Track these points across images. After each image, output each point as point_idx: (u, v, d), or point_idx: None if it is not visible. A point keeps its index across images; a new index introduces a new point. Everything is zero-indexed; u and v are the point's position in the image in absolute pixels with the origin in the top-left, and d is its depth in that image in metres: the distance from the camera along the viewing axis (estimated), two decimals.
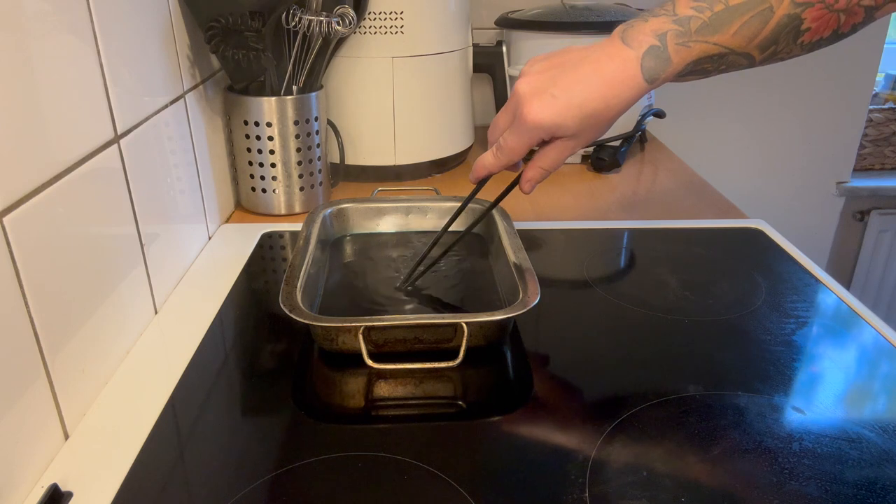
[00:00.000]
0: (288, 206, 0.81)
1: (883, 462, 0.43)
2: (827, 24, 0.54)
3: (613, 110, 0.55)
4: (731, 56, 0.55)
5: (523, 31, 0.99)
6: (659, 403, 0.48)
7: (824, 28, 0.54)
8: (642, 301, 0.62)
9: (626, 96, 0.54)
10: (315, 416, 0.48)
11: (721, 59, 0.55)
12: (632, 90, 0.54)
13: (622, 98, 0.54)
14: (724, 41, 0.54)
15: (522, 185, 0.58)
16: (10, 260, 0.40)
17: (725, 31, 0.54)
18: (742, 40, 0.54)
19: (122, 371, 0.53)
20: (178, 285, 0.65)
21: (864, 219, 1.38)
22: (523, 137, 0.55)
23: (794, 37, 0.55)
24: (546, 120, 0.54)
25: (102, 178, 0.51)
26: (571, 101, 0.54)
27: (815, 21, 0.54)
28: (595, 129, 0.55)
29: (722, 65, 0.56)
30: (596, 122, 0.55)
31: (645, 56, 0.54)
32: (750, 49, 0.55)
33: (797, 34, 0.54)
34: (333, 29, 0.73)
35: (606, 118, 0.55)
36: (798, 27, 0.54)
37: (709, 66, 0.56)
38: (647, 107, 1.03)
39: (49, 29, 0.44)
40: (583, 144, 0.57)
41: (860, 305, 0.61)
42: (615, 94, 0.54)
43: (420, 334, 0.52)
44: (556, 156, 0.57)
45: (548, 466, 0.43)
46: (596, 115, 0.54)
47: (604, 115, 0.54)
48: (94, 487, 0.41)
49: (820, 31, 0.55)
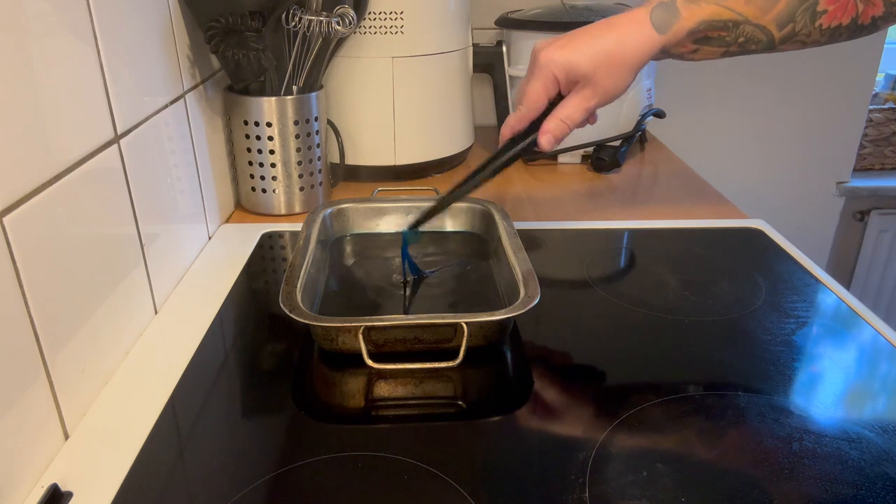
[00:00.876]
0: (288, 206, 0.81)
1: (883, 462, 0.43)
2: (845, 8, 0.55)
3: (626, 54, 0.56)
4: (747, 26, 0.56)
5: (523, 31, 0.99)
6: (659, 403, 0.48)
7: (842, 13, 0.55)
8: (642, 301, 0.62)
9: (637, 41, 0.56)
10: (315, 416, 0.48)
11: (736, 27, 0.56)
12: (643, 37, 0.56)
13: (634, 43, 0.56)
14: (736, 7, 0.55)
15: (541, 137, 0.59)
16: (10, 260, 0.40)
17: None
18: (756, 10, 0.55)
19: (122, 371, 0.53)
20: (178, 285, 0.65)
21: (864, 219, 1.38)
22: (538, 81, 0.57)
23: (811, 17, 0.56)
24: (558, 57, 0.56)
25: (102, 178, 0.51)
26: (584, 43, 0.57)
27: (831, 4, 0.55)
28: (609, 74, 0.57)
29: (739, 37, 0.57)
30: (608, 64, 0.56)
31: (654, 10, 0.56)
32: (766, 22, 0.56)
33: (814, 15, 0.55)
34: (333, 29, 0.73)
35: (619, 62, 0.56)
36: (814, 7, 0.55)
37: (724, 33, 0.57)
38: (647, 107, 1.03)
39: (49, 29, 0.44)
40: (598, 93, 0.57)
41: (860, 305, 0.61)
42: (627, 38, 0.56)
43: (420, 334, 0.52)
44: (574, 106, 0.57)
45: (548, 466, 0.43)
46: (608, 56, 0.56)
47: (616, 56, 0.56)
48: (94, 487, 0.41)
49: (838, 16, 0.55)
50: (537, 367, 0.53)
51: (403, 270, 0.64)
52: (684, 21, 0.56)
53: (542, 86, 0.58)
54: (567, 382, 0.52)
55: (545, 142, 0.59)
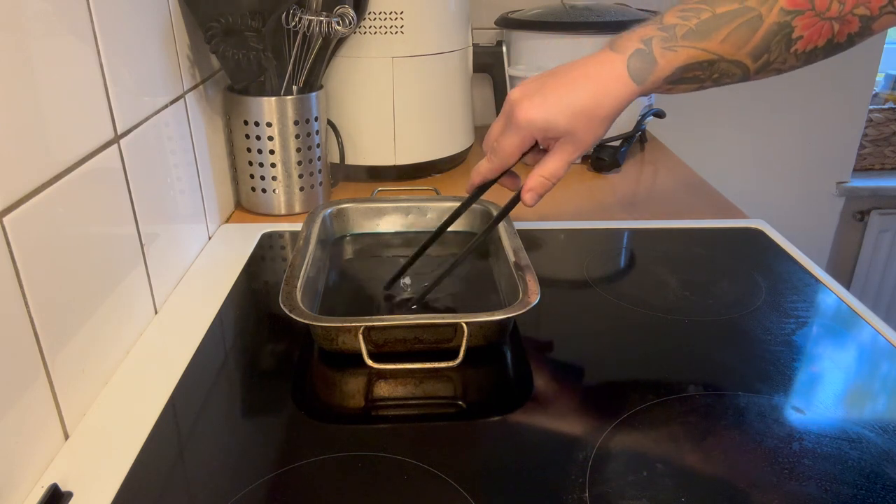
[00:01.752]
0: (288, 206, 0.81)
1: (883, 462, 0.43)
2: (820, 32, 0.54)
3: (604, 108, 0.55)
4: (721, 63, 0.55)
5: (523, 31, 0.99)
6: (659, 403, 0.48)
7: (817, 37, 0.54)
8: (642, 301, 0.62)
9: (615, 94, 0.55)
10: (315, 416, 0.48)
11: (711, 66, 0.55)
12: (620, 89, 0.55)
13: (612, 96, 0.55)
14: (711, 47, 0.55)
15: (524, 195, 0.58)
16: (10, 260, 0.40)
17: (713, 38, 0.54)
18: (731, 47, 0.54)
19: (122, 371, 0.53)
20: (178, 285, 0.65)
21: (864, 219, 1.38)
22: (515, 137, 0.56)
23: (786, 45, 0.55)
24: (536, 117, 0.55)
25: (102, 178, 0.51)
26: (561, 99, 0.55)
27: (806, 29, 0.54)
28: (588, 129, 0.56)
29: (714, 73, 0.56)
30: (587, 120, 0.55)
31: (631, 58, 0.55)
32: (741, 57, 0.55)
33: (789, 42, 0.54)
34: (333, 29, 0.73)
35: (598, 116, 0.55)
36: (789, 35, 0.54)
37: (700, 73, 0.56)
38: (647, 107, 1.03)
39: (49, 29, 0.44)
40: (580, 148, 0.57)
41: (860, 305, 0.61)
42: (604, 92, 0.55)
43: (420, 334, 0.52)
44: (554, 163, 0.57)
45: (548, 466, 0.43)
46: (586, 113, 0.55)
47: (594, 112, 0.55)
48: (94, 487, 0.41)
49: (813, 40, 0.55)
50: (537, 367, 0.53)
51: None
52: (660, 70, 0.55)
53: (518, 142, 0.57)
54: (567, 382, 0.52)
55: (529, 199, 0.58)
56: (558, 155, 0.57)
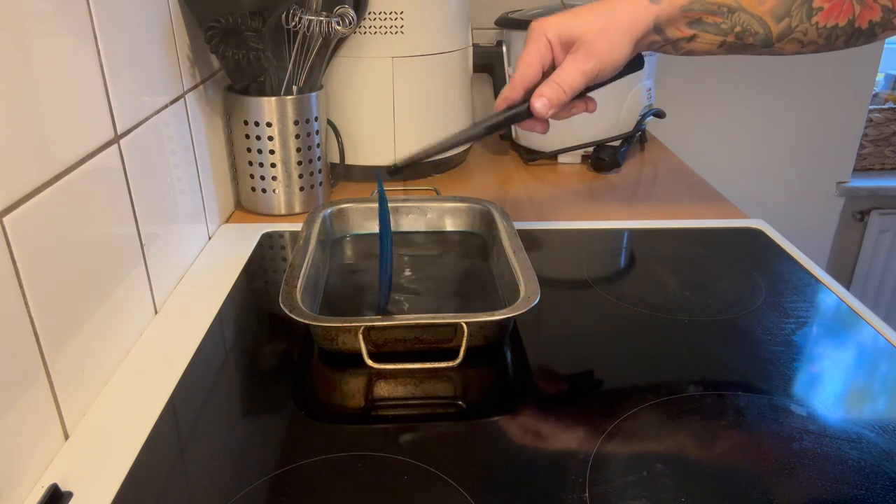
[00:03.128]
0: (288, 206, 0.81)
1: (883, 462, 0.43)
2: (841, 8, 0.55)
3: (619, 18, 0.56)
4: (742, 15, 0.56)
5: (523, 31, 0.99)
6: (659, 403, 0.48)
7: (838, 13, 0.55)
8: (642, 301, 0.62)
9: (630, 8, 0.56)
10: (315, 416, 0.48)
11: (732, 13, 0.56)
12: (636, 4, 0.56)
13: (626, 9, 0.56)
14: None
15: (533, 100, 0.57)
16: (10, 260, 0.40)
17: None
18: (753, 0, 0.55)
19: (122, 371, 0.53)
20: (178, 285, 0.65)
21: (864, 219, 1.38)
22: (531, 46, 0.57)
23: (807, 13, 0.55)
24: (550, 22, 0.57)
25: (102, 178, 0.51)
26: (577, 12, 0.57)
27: (827, 1, 0.55)
28: (602, 36, 0.56)
29: (736, 25, 0.56)
30: (601, 27, 0.56)
31: None
32: (762, 13, 0.56)
33: (810, 10, 0.55)
34: (333, 29, 0.73)
35: (613, 24, 0.56)
36: (810, 2, 0.55)
37: (720, 19, 0.56)
38: (647, 107, 1.03)
39: (49, 29, 0.44)
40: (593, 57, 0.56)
41: (860, 305, 0.61)
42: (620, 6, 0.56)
43: (420, 334, 0.52)
44: (570, 69, 0.56)
45: (548, 466, 0.43)
46: (600, 20, 0.56)
47: (609, 20, 0.56)
48: (94, 487, 0.41)
49: (835, 15, 0.55)
50: (537, 367, 0.53)
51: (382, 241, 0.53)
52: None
53: (534, 51, 0.57)
54: (567, 382, 0.52)
55: (539, 105, 0.57)
56: (572, 60, 0.56)
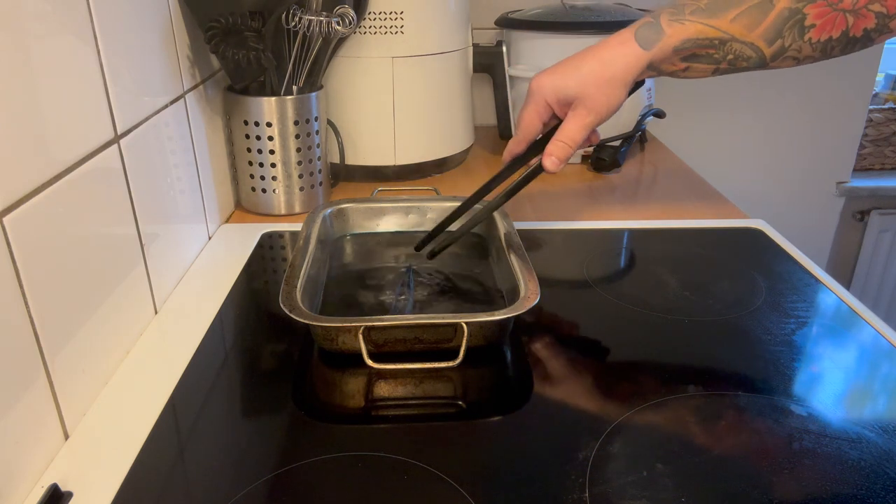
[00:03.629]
0: (288, 206, 0.81)
1: (883, 462, 0.43)
2: (833, 22, 0.55)
3: (611, 69, 0.58)
4: (734, 44, 0.57)
5: (523, 31, 0.99)
6: (659, 403, 0.48)
7: (831, 27, 0.55)
8: (642, 301, 0.62)
9: (622, 58, 0.58)
10: (315, 416, 0.48)
11: (724, 45, 0.57)
12: (627, 53, 0.59)
13: (619, 59, 0.58)
14: (721, 25, 0.57)
15: (544, 160, 0.61)
16: (10, 260, 0.40)
17: (722, 17, 0.57)
18: (742, 28, 0.56)
19: (122, 371, 0.53)
20: (178, 285, 0.65)
21: (864, 219, 1.38)
22: (530, 105, 0.61)
23: (799, 32, 0.56)
24: (547, 82, 0.60)
25: (102, 178, 0.51)
26: (570, 67, 0.60)
27: (819, 18, 0.55)
28: (598, 91, 0.59)
29: (728, 54, 0.58)
30: (597, 82, 0.58)
31: (639, 29, 0.59)
32: (753, 39, 0.57)
33: (802, 29, 0.56)
34: (333, 29, 0.73)
35: (608, 77, 0.58)
36: (802, 22, 0.55)
37: (713, 51, 0.58)
38: (647, 107, 1.03)
39: (49, 29, 0.44)
40: (593, 111, 0.59)
41: (860, 305, 0.61)
42: (612, 57, 0.59)
43: (420, 334, 0.52)
44: (572, 126, 0.60)
45: (548, 466, 0.43)
46: (595, 75, 0.58)
47: (602, 73, 0.58)
48: (94, 487, 0.41)
49: (828, 30, 0.56)
50: (537, 367, 0.53)
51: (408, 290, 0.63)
52: (668, 39, 0.58)
53: (534, 110, 0.61)
54: (567, 382, 0.52)
55: (549, 164, 0.61)
56: (574, 118, 0.60)
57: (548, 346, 0.57)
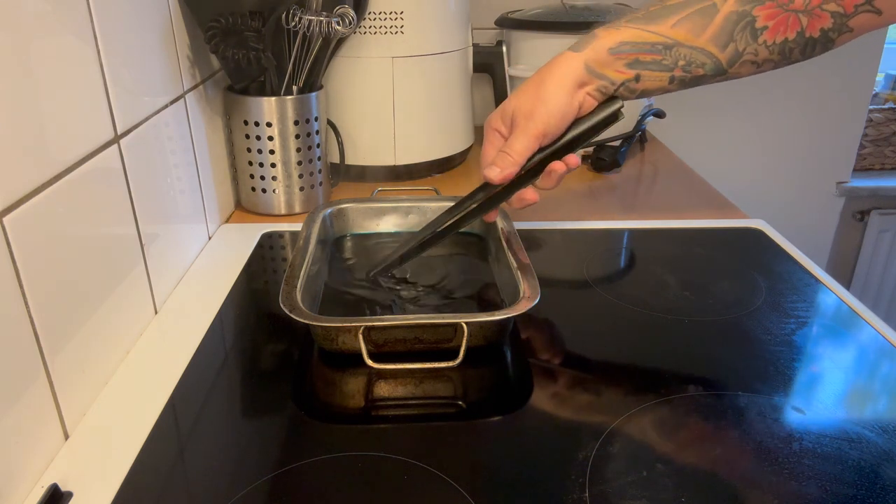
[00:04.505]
0: (288, 206, 0.81)
1: (883, 462, 0.43)
2: (786, 23, 0.54)
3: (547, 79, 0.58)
4: (681, 49, 0.56)
5: (523, 31, 0.99)
6: (659, 403, 0.48)
7: (785, 28, 0.54)
8: (642, 301, 0.62)
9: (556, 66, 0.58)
10: (315, 416, 0.48)
11: (669, 50, 0.56)
12: (560, 60, 0.59)
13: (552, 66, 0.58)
14: (662, 31, 0.56)
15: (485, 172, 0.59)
16: (10, 260, 0.40)
17: (661, 23, 0.56)
18: (686, 33, 0.56)
19: (122, 371, 0.53)
20: (178, 285, 0.65)
21: (864, 219, 1.38)
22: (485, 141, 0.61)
23: (752, 35, 0.55)
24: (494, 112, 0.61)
25: (102, 178, 0.51)
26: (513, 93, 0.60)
27: (770, 19, 0.54)
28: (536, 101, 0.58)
29: (679, 59, 0.57)
30: (531, 94, 0.58)
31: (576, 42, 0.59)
32: (702, 44, 0.56)
33: (754, 32, 0.55)
34: (333, 29, 0.73)
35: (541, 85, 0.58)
36: (752, 24, 0.54)
37: (658, 56, 0.57)
38: (647, 107, 1.03)
39: (49, 29, 0.44)
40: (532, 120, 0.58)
41: (860, 305, 0.61)
42: (546, 69, 0.59)
43: (420, 334, 0.52)
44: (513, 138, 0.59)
45: (548, 466, 0.43)
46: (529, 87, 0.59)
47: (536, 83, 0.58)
48: (94, 487, 0.41)
49: (781, 31, 0.54)
50: (537, 367, 0.53)
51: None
52: (601, 41, 0.57)
53: (489, 144, 0.61)
54: (567, 382, 0.52)
55: (490, 173, 0.59)
56: (515, 131, 0.59)
57: (548, 346, 0.57)
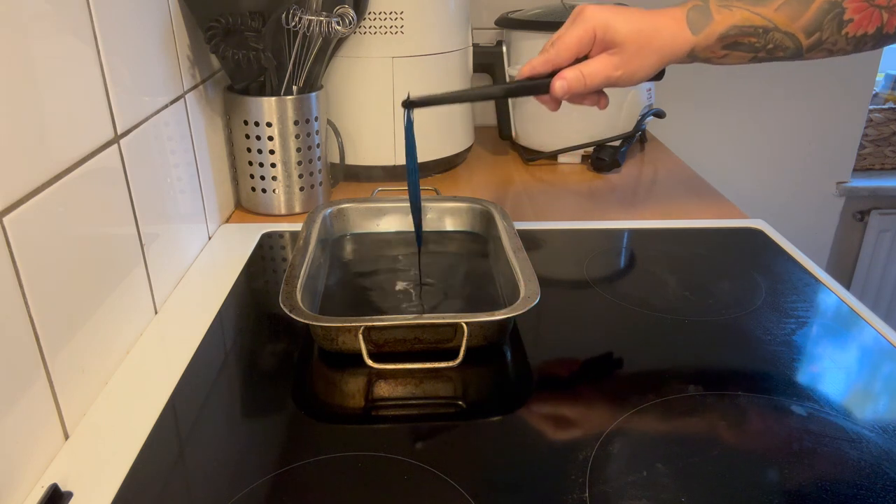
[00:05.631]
0: (288, 206, 0.81)
1: (883, 462, 0.43)
2: (870, 18, 0.57)
3: (661, 40, 0.59)
4: (776, 34, 0.58)
5: (523, 31, 0.99)
6: (659, 403, 0.48)
7: (868, 22, 0.57)
8: (642, 301, 0.62)
9: (672, 34, 0.59)
10: (315, 416, 0.48)
11: (766, 34, 0.58)
12: (677, 32, 0.59)
13: (670, 34, 0.59)
14: (766, 14, 0.58)
15: (555, 81, 0.59)
16: (10, 260, 0.40)
17: (768, 5, 0.58)
18: (785, 18, 0.58)
19: (122, 371, 0.53)
20: (178, 285, 0.65)
21: (864, 219, 1.38)
22: (577, 30, 0.58)
23: (837, 26, 0.58)
24: (602, 15, 0.58)
25: (102, 178, 0.51)
26: (628, 15, 0.59)
27: (857, 13, 0.57)
28: (639, 52, 0.58)
29: (769, 43, 0.59)
30: (643, 43, 0.58)
31: (690, 10, 0.59)
32: (794, 30, 0.58)
33: (840, 23, 0.57)
34: (333, 29, 0.73)
35: (654, 45, 0.59)
36: (841, 16, 0.57)
37: (755, 39, 0.59)
38: (648, 107, 1.03)
39: (49, 29, 0.44)
40: (622, 67, 0.58)
41: (860, 305, 0.61)
42: (664, 28, 0.59)
43: (420, 334, 0.52)
44: (599, 66, 0.59)
45: (548, 466, 0.43)
46: (645, 34, 0.58)
47: (652, 39, 0.58)
48: (94, 487, 0.41)
49: (864, 25, 0.58)
50: (537, 367, 0.53)
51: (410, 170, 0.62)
52: (716, 25, 0.58)
53: (578, 36, 0.59)
54: (567, 382, 0.52)
55: (559, 87, 0.59)
56: (604, 60, 0.59)
57: (548, 346, 0.57)
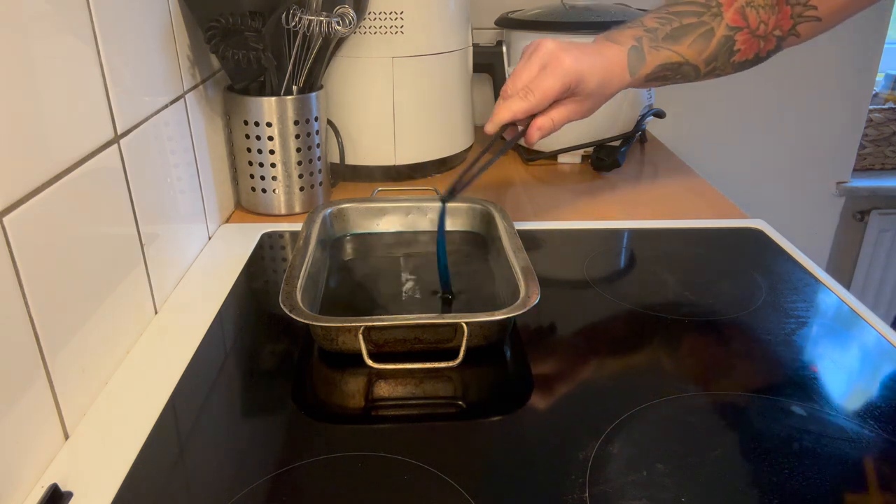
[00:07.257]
0: (288, 206, 0.81)
1: (883, 462, 0.43)
2: (751, 47, 0.66)
3: (612, 86, 0.64)
4: (686, 66, 0.66)
5: (523, 31, 0.99)
6: (659, 403, 0.48)
7: (749, 50, 0.67)
8: (642, 301, 0.62)
9: (620, 79, 0.65)
10: (315, 416, 0.48)
11: (679, 67, 0.66)
12: (622, 76, 0.65)
13: (618, 79, 0.65)
14: (681, 51, 0.65)
15: (531, 132, 0.63)
16: (10, 260, 0.40)
17: (683, 43, 0.65)
18: (694, 53, 0.66)
19: (122, 371, 0.53)
20: (178, 285, 0.65)
21: (864, 219, 1.38)
22: (556, 82, 0.60)
23: (728, 55, 0.66)
24: (580, 68, 0.61)
25: (102, 178, 0.51)
26: (595, 62, 0.62)
27: (744, 44, 0.66)
28: (597, 97, 0.64)
29: (678, 74, 0.67)
30: (602, 90, 0.64)
31: (630, 52, 0.64)
32: (699, 62, 0.66)
33: (730, 53, 0.66)
34: (333, 29, 0.73)
35: (607, 92, 0.65)
36: (731, 47, 0.66)
37: (669, 73, 0.67)
38: (647, 107, 1.03)
39: (49, 29, 0.44)
40: (584, 110, 0.64)
41: (860, 305, 0.61)
42: (615, 74, 0.64)
43: (420, 334, 0.52)
44: (565, 113, 0.63)
45: (548, 466, 0.43)
46: (604, 83, 0.63)
47: (607, 87, 0.64)
48: (94, 487, 0.41)
49: (746, 53, 0.67)
50: (537, 367, 0.53)
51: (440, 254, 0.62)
52: (647, 67, 0.65)
53: (559, 86, 0.61)
54: (567, 382, 0.52)
55: (537, 136, 0.63)
56: (571, 106, 0.63)
57: (548, 346, 0.57)
